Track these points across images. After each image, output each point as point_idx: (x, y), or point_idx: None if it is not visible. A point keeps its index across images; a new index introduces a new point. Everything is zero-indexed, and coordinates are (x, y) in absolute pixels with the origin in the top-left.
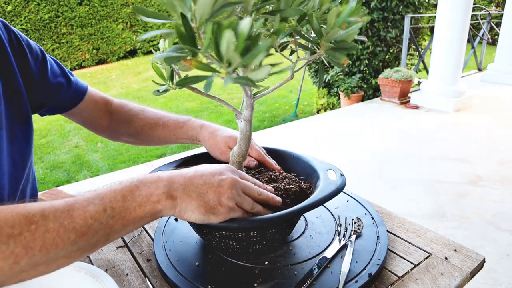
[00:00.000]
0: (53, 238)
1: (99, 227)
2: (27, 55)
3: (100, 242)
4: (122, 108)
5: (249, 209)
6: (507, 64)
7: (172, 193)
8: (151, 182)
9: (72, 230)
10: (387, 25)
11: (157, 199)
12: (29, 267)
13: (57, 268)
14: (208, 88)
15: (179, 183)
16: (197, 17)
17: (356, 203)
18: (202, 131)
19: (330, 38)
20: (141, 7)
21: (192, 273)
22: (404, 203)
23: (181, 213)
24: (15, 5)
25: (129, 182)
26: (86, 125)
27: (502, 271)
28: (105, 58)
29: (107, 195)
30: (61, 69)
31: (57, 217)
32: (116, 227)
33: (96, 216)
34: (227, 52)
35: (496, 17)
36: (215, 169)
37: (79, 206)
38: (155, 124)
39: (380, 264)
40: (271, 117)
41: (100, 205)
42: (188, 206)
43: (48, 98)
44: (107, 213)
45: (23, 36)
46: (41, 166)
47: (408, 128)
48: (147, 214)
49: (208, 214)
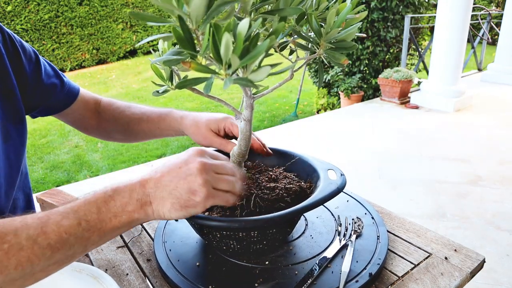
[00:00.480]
0: (27, 255)
1: (74, 240)
2: (21, 57)
3: (78, 253)
4: (109, 106)
5: (229, 188)
6: (507, 64)
7: (145, 200)
8: (125, 191)
9: (47, 246)
10: (387, 25)
11: (132, 208)
12: (6, 284)
13: (36, 281)
14: (208, 90)
15: (150, 187)
16: (193, 19)
17: (356, 203)
18: (183, 121)
19: (329, 38)
20: (137, 11)
21: (192, 273)
22: (404, 203)
23: (160, 215)
24: (15, 5)
25: (103, 192)
26: (76, 126)
27: (502, 271)
28: (105, 58)
29: (81, 208)
30: (54, 71)
31: (30, 235)
32: (92, 238)
33: (71, 231)
34: (226, 54)
35: (496, 17)
36: (181, 159)
37: (52, 222)
38: (140, 119)
39: (380, 264)
40: (271, 117)
41: (74, 219)
42: (164, 207)
43: (42, 99)
44: (82, 227)
45: (17, 38)
46: (41, 166)
47: (408, 128)
48: (123, 224)
49: (185, 208)
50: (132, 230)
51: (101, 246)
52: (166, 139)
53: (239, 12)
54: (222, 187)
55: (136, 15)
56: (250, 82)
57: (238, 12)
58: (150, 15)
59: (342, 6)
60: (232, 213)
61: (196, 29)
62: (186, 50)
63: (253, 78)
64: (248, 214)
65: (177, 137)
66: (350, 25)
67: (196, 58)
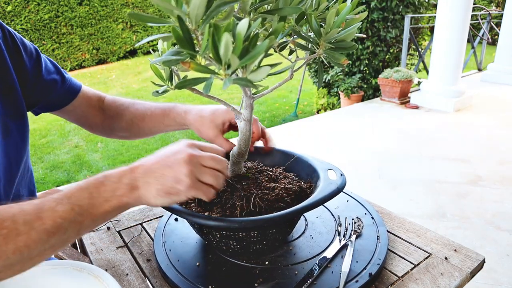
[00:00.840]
0: (24, 240)
1: (68, 225)
2: (22, 53)
3: (71, 237)
4: (113, 103)
5: (213, 182)
6: (507, 64)
7: (134, 184)
8: (115, 176)
9: (43, 231)
10: (387, 25)
11: (121, 192)
12: (5, 268)
13: (33, 266)
14: (208, 90)
15: (140, 173)
16: (192, 18)
17: (356, 203)
18: (187, 116)
19: (329, 38)
20: (136, 12)
21: (192, 273)
22: (404, 203)
23: (146, 200)
24: (15, 5)
25: (95, 178)
26: (80, 123)
27: (502, 271)
28: (105, 58)
29: (74, 194)
30: (56, 67)
31: (27, 221)
32: (85, 223)
33: (65, 216)
34: (225, 55)
35: (496, 17)
36: (172, 149)
37: (47, 207)
38: (143, 115)
39: (380, 264)
40: (271, 117)
41: (68, 205)
42: (150, 193)
43: (43, 94)
44: (76, 211)
45: (17, 35)
46: (41, 166)
47: (408, 128)
48: (114, 208)
49: (169, 195)
50: (132, 230)
51: (101, 246)
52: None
53: (238, 12)
54: (206, 180)
55: (134, 15)
56: (250, 82)
57: (237, 12)
58: (149, 15)
59: (342, 6)
60: (232, 213)
61: (196, 29)
62: (185, 50)
63: (253, 78)
64: (248, 214)
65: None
66: (350, 25)
67: (196, 58)
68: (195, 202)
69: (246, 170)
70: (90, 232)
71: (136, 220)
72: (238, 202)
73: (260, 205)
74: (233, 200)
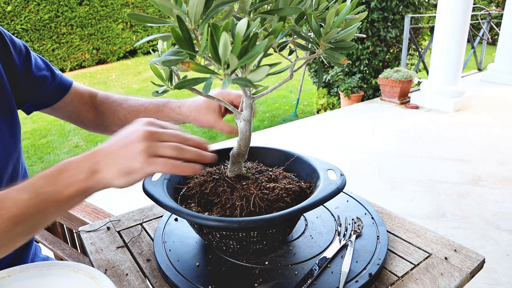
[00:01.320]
0: None
1: (33, 212)
2: (10, 50)
3: (40, 224)
4: (106, 99)
5: (172, 154)
6: (507, 64)
7: (95, 168)
8: (77, 162)
9: (8, 219)
10: (387, 25)
11: (83, 177)
12: None
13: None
14: (207, 90)
15: (100, 156)
16: (191, 17)
17: (356, 203)
18: (182, 109)
19: (329, 38)
20: (135, 13)
21: (192, 273)
22: (404, 203)
23: (108, 183)
24: (15, 5)
25: (57, 165)
26: (72, 120)
27: (502, 271)
28: (105, 58)
29: (38, 182)
30: (46, 64)
31: None
32: (50, 210)
33: (29, 203)
34: (224, 54)
35: (496, 17)
36: (130, 129)
37: (12, 196)
38: (137, 111)
39: (380, 264)
40: (271, 117)
41: (31, 192)
42: (109, 174)
43: (33, 91)
44: (40, 199)
45: (6, 33)
46: (41, 166)
47: (408, 128)
48: (78, 192)
49: (128, 175)
50: (132, 230)
51: (101, 246)
52: None
53: (238, 12)
54: (164, 153)
55: (134, 16)
56: (249, 82)
57: (237, 12)
58: (148, 16)
59: (341, 6)
60: (232, 213)
61: (195, 29)
62: (184, 50)
63: (252, 78)
64: (248, 214)
65: None
66: (349, 25)
67: (195, 58)
68: (195, 202)
69: (246, 170)
70: (90, 232)
71: (136, 220)
72: (238, 202)
73: (260, 205)
74: (233, 200)
